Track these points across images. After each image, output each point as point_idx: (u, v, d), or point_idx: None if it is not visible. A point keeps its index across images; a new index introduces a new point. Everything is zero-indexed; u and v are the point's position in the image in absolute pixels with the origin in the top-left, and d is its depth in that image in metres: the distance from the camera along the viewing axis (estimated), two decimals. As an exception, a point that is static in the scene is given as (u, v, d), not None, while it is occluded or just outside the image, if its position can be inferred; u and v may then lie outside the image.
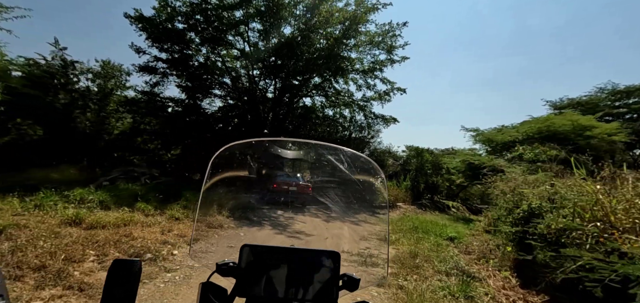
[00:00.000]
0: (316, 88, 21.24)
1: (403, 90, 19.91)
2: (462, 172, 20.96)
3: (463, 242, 9.13)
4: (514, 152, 17.98)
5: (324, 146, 1.79)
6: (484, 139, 20.97)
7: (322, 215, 10.15)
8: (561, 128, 17.19)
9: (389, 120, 20.30)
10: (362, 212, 7.34)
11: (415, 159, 22.30)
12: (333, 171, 1.87)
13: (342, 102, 21.25)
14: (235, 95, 20.22)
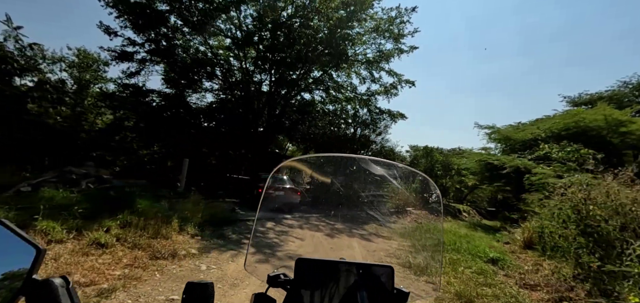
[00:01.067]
0: (316, 82, 18.91)
1: (412, 82, 17.61)
2: (477, 173, 18.64)
3: (510, 265, 6.75)
4: (539, 151, 15.65)
5: (377, 161, 1.58)
6: (500, 136, 18.59)
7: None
8: (593, 124, 14.82)
9: (396, 116, 17.95)
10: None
11: (425, 159, 20.02)
12: (386, 186, 2.25)
13: (344, 98, 18.93)
14: (228, 89, 17.89)
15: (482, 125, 19.29)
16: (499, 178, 16.49)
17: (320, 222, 9.37)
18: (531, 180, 13.52)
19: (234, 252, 5.29)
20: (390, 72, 17.89)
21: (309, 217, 10.14)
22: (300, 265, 1.02)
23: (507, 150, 18.67)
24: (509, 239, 10.93)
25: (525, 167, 14.59)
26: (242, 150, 19.02)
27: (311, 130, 16.42)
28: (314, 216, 10.28)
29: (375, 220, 8.22)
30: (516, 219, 14.05)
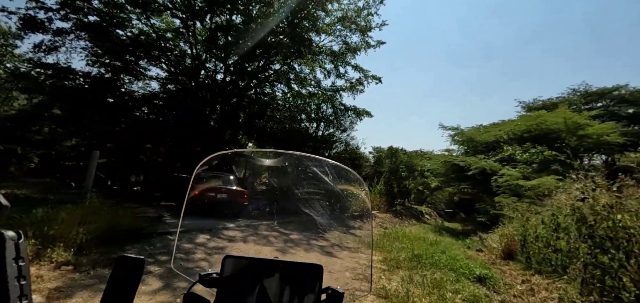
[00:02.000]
0: (277, 75, 17.01)
1: (378, 78, 16.34)
2: (442, 174, 17.86)
3: (500, 286, 5.40)
4: (503, 152, 15.11)
5: (309, 158, 1.55)
6: (464, 138, 18.00)
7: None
8: (554, 126, 14.53)
9: (362, 113, 16.58)
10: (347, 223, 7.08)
11: (389, 160, 18.92)
12: (318, 183, 1.22)
13: (307, 93, 17.20)
14: (177, 77, 15.36)
15: (447, 126, 18.62)
16: (465, 180, 15.75)
17: (269, 232, 7.51)
18: (499, 182, 12.79)
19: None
20: (356, 67, 16.52)
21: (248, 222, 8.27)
22: (227, 263, 0.98)
23: (469, 152, 18.15)
24: (482, 247, 9.85)
25: (491, 168, 13.88)
26: (195, 146, 16.52)
27: (269, 124, 14.43)
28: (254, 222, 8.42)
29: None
30: (486, 223, 13.30)
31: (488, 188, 13.98)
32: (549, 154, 12.90)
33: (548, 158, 12.81)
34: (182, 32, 15.06)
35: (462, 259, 7.61)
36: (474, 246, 10.26)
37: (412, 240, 9.92)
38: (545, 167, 12.46)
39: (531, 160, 13.25)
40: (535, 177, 11.93)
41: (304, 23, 12.92)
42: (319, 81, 16.88)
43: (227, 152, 2.15)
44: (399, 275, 5.53)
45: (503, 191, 12.44)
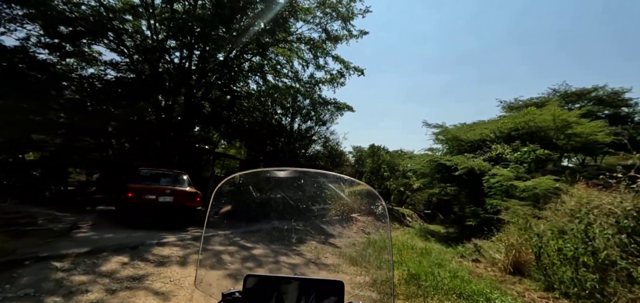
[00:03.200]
0: (252, 69, 15.09)
1: (361, 70, 14.80)
2: (426, 174, 16.54)
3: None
4: (491, 151, 13.94)
5: (324, 174, 1.54)
6: (449, 136, 16.77)
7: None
8: (542, 124, 13.54)
9: (343, 107, 14.94)
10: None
11: (371, 159, 17.45)
12: (334, 199, 1.23)
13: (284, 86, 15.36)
14: (134, 64, 13.06)
15: (431, 124, 17.35)
16: (451, 180, 14.48)
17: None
18: (490, 183, 11.54)
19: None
20: (337, 58, 14.90)
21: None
22: (248, 281, 0.97)
23: (454, 151, 16.96)
24: (478, 256, 8.44)
25: (480, 168, 12.62)
26: (156, 141, 14.24)
27: (239, 117, 12.46)
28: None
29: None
30: (473, 227, 12.02)
31: (476, 190, 12.74)
32: (541, 153, 11.80)
33: (540, 157, 11.71)
34: (139, 11, 12.86)
35: (464, 274, 6.12)
36: (468, 255, 8.86)
37: (401, 250, 8.38)
38: (540, 167, 11.35)
39: (522, 160, 12.11)
40: (528, 178, 10.75)
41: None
42: (297, 72, 15.13)
43: (244, 173, 1.26)
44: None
45: (495, 192, 11.18)
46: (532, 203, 8.99)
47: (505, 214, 8.86)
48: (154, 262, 4.29)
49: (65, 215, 6.78)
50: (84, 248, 4.15)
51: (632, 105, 18.95)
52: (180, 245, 5.21)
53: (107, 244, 4.54)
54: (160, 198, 6.29)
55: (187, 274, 4.09)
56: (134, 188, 6.15)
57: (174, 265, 4.34)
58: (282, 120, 13.05)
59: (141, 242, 4.86)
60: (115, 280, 3.54)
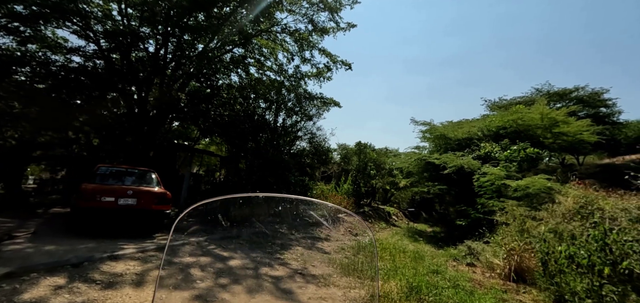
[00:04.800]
0: (234, 62, 14.09)
1: (348, 64, 14.11)
2: (414, 173, 16.08)
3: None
4: (480, 150, 13.60)
5: (304, 201, 0.90)
6: (437, 134, 16.38)
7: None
8: (531, 122, 13.31)
9: (329, 102, 14.20)
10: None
11: (357, 157, 16.82)
12: (313, 225, 1.34)
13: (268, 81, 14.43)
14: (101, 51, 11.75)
15: (418, 121, 16.90)
16: (439, 179, 14.03)
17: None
18: (481, 182, 11.13)
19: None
20: (323, 52, 14.13)
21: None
22: None
23: (441, 149, 16.60)
24: (472, 260, 7.93)
25: (469, 166, 12.22)
26: (127, 137, 13.01)
27: (219, 110, 11.46)
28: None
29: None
30: (465, 227, 11.60)
31: (466, 189, 12.35)
32: (531, 151, 11.50)
33: (531, 155, 11.41)
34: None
35: (465, 284, 5.53)
36: (461, 258, 8.33)
37: (393, 254, 7.75)
38: (531, 166, 11.04)
39: (512, 158, 11.78)
40: (520, 177, 10.39)
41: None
42: (281, 65, 14.25)
43: (216, 199, 0.82)
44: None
45: (485, 191, 10.78)
46: (528, 203, 8.59)
47: (501, 215, 8.41)
48: (100, 283, 3.39)
49: (6, 221, 5.70)
50: (5, 269, 3.20)
51: (611, 106, 19.30)
52: (139, 259, 4.30)
53: (41, 260, 3.60)
54: (121, 200, 5.32)
55: (142, 299, 3.23)
56: (87, 190, 5.16)
57: (127, 286, 3.46)
58: (265, 114, 12.13)
59: (88, 257, 3.93)
60: None
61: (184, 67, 12.81)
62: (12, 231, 4.79)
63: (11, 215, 6.27)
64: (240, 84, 14.17)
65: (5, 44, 10.62)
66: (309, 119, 12.68)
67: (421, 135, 18.00)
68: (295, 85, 14.66)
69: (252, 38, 13.11)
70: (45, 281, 3.22)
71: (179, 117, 13.55)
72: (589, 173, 13.53)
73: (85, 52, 11.96)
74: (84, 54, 12.01)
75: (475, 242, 9.13)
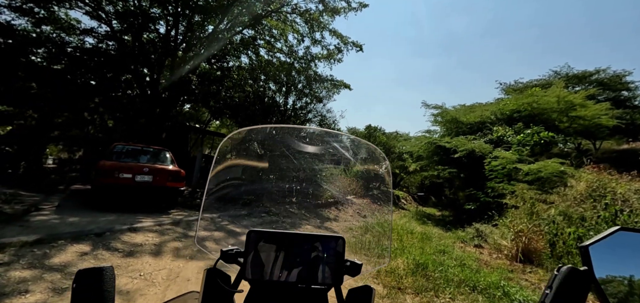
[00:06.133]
0: (244, 44, 14.07)
1: (359, 46, 13.94)
2: (424, 157, 16.03)
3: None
4: (492, 134, 13.42)
5: (329, 133, 1.64)
6: (448, 118, 16.19)
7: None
8: (546, 105, 13.01)
9: (340, 85, 14.14)
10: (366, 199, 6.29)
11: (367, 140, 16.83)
12: (338, 159, 1.71)
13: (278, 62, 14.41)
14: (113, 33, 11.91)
15: (430, 105, 16.71)
16: (449, 162, 13.97)
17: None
18: (492, 166, 11.06)
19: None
20: (334, 33, 13.97)
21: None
22: (251, 237, 0.95)
23: (452, 133, 16.44)
24: (480, 242, 8.00)
25: (481, 150, 12.12)
26: (140, 119, 13.31)
27: (229, 92, 11.58)
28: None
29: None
30: (473, 211, 11.62)
31: (476, 173, 12.29)
32: (545, 135, 11.30)
33: (545, 139, 11.22)
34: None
35: (471, 263, 5.64)
36: (469, 240, 8.41)
37: (401, 235, 7.88)
38: (545, 150, 10.88)
39: (525, 142, 11.61)
40: (532, 161, 10.27)
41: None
42: (291, 46, 14.18)
43: (246, 129, 0.96)
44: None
45: (496, 175, 10.71)
46: (539, 187, 8.54)
47: (511, 198, 8.39)
48: (121, 252, 3.62)
49: (32, 196, 6.03)
50: (35, 236, 3.45)
51: (633, 89, 18.59)
52: (156, 231, 4.54)
53: (66, 230, 3.85)
54: (138, 177, 5.56)
55: (161, 266, 3.44)
56: (106, 167, 5.40)
57: (146, 255, 3.68)
58: (275, 96, 12.20)
59: (110, 228, 4.17)
60: (68, 275, 2.88)
61: (195, 49, 12.90)
62: (38, 204, 5.10)
63: (36, 190, 6.63)
64: (251, 65, 14.21)
65: (21, 25, 10.90)
66: (319, 101, 12.70)
67: (432, 119, 17.85)
68: (305, 67, 14.60)
69: (262, 19, 13.04)
70: (71, 247, 3.46)
71: (190, 99, 13.75)
72: (606, 158, 13.20)
73: (97, 33, 12.18)
74: (97, 36, 12.24)
75: (483, 224, 9.19)
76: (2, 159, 9.94)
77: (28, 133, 10.33)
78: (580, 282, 0.66)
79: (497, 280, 4.45)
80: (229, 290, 0.90)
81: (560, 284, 0.67)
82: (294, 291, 0.95)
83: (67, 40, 11.84)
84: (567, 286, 0.66)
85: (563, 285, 0.66)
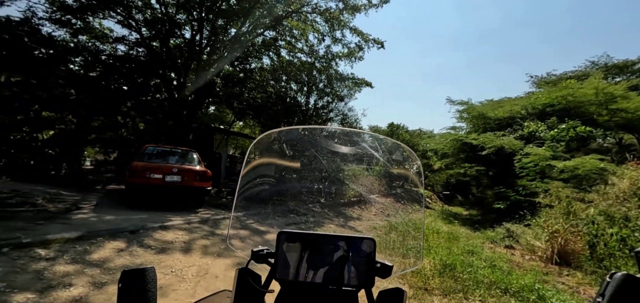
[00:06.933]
0: (265, 46, 14.30)
1: (380, 43, 13.75)
2: (449, 155, 15.56)
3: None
4: (523, 130, 12.79)
5: (362, 133, 1.70)
6: (475, 114, 15.60)
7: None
8: (583, 98, 12.20)
9: (361, 83, 14.01)
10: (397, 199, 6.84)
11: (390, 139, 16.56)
12: (370, 160, 1.27)
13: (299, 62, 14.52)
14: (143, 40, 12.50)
15: (455, 101, 16.18)
16: (476, 160, 13.46)
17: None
18: (523, 163, 10.54)
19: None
20: (354, 30, 13.87)
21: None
22: (282, 238, 0.96)
23: (479, 129, 15.82)
24: (511, 242, 7.66)
25: (510, 147, 11.58)
26: (168, 121, 13.90)
27: (252, 93, 11.82)
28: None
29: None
30: (503, 210, 11.14)
31: (505, 170, 11.78)
32: (582, 130, 10.62)
33: (581, 134, 10.55)
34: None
35: (502, 265, 5.40)
36: (499, 240, 8.07)
37: (427, 234, 7.70)
38: (582, 145, 10.24)
39: (559, 138, 10.96)
40: (568, 157, 9.69)
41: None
42: (312, 46, 14.23)
43: (279, 130, 1.03)
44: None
45: (528, 173, 10.20)
46: (576, 185, 8.04)
47: (544, 197, 7.95)
48: (154, 249, 3.79)
49: (72, 195, 6.46)
50: (76, 233, 3.69)
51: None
52: (186, 229, 4.71)
53: (104, 227, 4.09)
54: (167, 177, 5.81)
55: (191, 263, 3.57)
56: (138, 168, 5.69)
57: (177, 252, 3.83)
58: (297, 96, 12.31)
59: (142, 226, 4.38)
60: (106, 270, 3.05)
61: (219, 52, 13.26)
62: (78, 203, 5.45)
63: (75, 190, 7.09)
64: (272, 66, 14.41)
65: (60, 36, 11.68)
66: (340, 100, 12.67)
67: (458, 115, 17.25)
68: (326, 66, 14.61)
69: (282, 20, 13.19)
70: (109, 244, 3.67)
71: (214, 101, 14.15)
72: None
73: (128, 41, 12.82)
74: (128, 43, 12.88)
75: (514, 224, 8.78)
76: (46, 161, 10.71)
77: (68, 136, 11.04)
78: (636, 291, 0.60)
79: (531, 282, 4.24)
80: (260, 290, 0.91)
81: (614, 292, 0.61)
82: (324, 292, 0.95)
83: (101, 48, 12.56)
84: (622, 294, 0.61)
85: (617, 293, 0.61)
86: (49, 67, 9.30)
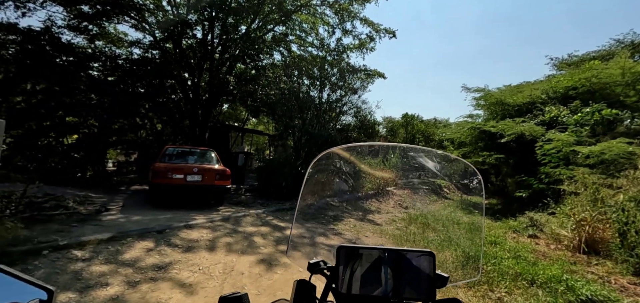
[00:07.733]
0: (276, 41, 14.34)
1: (392, 32, 13.55)
2: (466, 143, 15.26)
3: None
4: (544, 115, 12.38)
5: (420, 149, 1.79)
6: (492, 101, 15.18)
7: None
8: (608, 79, 11.68)
9: (373, 74, 13.87)
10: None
11: (404, 129, 16.35)
12: (429, 173, 1.42)
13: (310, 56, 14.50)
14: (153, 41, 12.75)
15: (471, 88, 15.79)
16: (495, 148, 13.15)
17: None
18: (545, 149, 10.22)
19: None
20: (365, 21, 13.69)
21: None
22: (340, 252, 0.97)
23: (497, 116, 15.40)
24: (535, 232, 7.48)
25: (531, 133, 11.23)
26: (185, 121, 14.22)
27: (265, 90, 11.92)
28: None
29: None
30: (525, 199, 10.88)
31: (527, 158, 11.46)
32: (607, 113, 10.19)
33: (607, 118, 10.13)
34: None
35: (527, 255, 5.31)
36: (522, 230, 7.90)
37: (447, 225, 7.64)
38: (608, 129, 9.83)
39: (583, 122, 10.56)
40: (593, 142, 9.33)
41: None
42: (322, 39, 14.15)
43: (345, 146, 1.05)
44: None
45: (550, 160, 9.90)
46: (603, 171, 7.75)
47: (569, 184, 7.71)
48: (181, 248, 3.92)
49: (100, 197, 6.73)
50: (108, 234, 3.86)
51: None
52: (209, 228, 4.85)
53: (132, 228, 4.26)
54: (188, 177, 5.97)
55: (216, 261, 3.68)
56: (160, 169, 5.87)
57: (203, 250, 3.95)
58: (310, 91, 12.33)
59: (168, 225, 4.54)
60: (138, 270, 3.18)
61: (230, 50, 13.38)
62: (106, 205, 5.69)
63: (102, 192, 7.39)
64: (284, 62, 14.44)
65: (79, 42, 12.06)
66: (353, 93, 12.58)
67: (474, 103, 16.84)
68: (337, 59, 14.50)
69: (291, 14, 13.16)
70: (138, 244, 3.82)
71: (228, 99, 14.34)
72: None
73: (143, 44, 13.11)
74: (142, 46, 13.17)
75: (538, 213, 8.57)
76: (72, 165, 11.16)
77: (91, 140, 11.45)
78: None
79: (558, 273, 4.15)
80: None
81: None
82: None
83: (117, 52, 12.90)
84: None
85: None
86: (70, 73, 9.64)
